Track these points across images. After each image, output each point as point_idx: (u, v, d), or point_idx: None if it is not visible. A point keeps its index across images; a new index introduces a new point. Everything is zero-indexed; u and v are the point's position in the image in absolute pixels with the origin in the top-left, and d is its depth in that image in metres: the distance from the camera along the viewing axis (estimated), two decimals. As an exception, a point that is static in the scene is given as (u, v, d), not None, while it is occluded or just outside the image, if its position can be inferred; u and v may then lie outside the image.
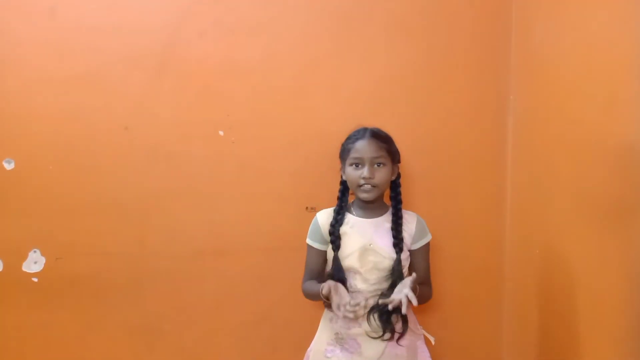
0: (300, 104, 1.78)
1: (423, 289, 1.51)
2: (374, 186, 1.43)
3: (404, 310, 1.24)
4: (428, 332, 1.54)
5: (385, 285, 1.43)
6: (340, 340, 1.45)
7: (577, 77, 1.39)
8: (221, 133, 1.76)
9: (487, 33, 1.81)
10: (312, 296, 1.49)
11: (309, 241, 1.52)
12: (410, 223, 1.51)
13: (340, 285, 1.37)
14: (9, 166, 1.71)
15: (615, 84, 1.23)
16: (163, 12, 1.74)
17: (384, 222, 1.50)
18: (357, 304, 1.28)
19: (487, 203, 1.84)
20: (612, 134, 1.23)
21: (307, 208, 1.73)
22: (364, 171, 1.42)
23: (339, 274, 1.44)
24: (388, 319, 1.42)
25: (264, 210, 1.77)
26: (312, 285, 1.48)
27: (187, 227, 1.76)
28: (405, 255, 1.47)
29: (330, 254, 1.49)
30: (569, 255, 1.43)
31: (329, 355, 1.46)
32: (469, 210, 1.83)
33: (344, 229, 1.48)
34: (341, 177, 1.54)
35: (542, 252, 1.58)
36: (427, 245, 1.54)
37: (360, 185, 1.44)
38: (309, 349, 1.55)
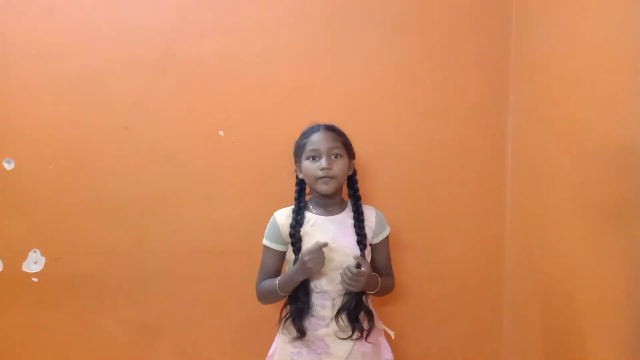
0: (300, 103, 1.78)
1: (386, 281, 1.51)
2: (332, 177, 1.41)
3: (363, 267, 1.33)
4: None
5: None
6: (307, 342, 1.42)
7: (577, 77, 1.39)
8: (221, 133, 1.76)
9: (487, 33, 1.81)
10: (269, 294, 1.44)
11: (265, 242, 1.48)
12: (370, 218, 1.50)
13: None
14: (9, 166, 1.71)
15: (615, 84, 1.23)
16: (163, 12, 1.74)
17: (345, 218, 1.48)
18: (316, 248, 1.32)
19: (487, 203, 1.84)
20: (612, 134, 1.23)
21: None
22: (322, 162, 1.41)
23: (304, 279, 1.40)
24: (356, 318, 1.41)
25: (263, 210, 1.76)
26: (270, 282, 1.43)
27: (186, 226, 1.76)
28: (367, 251, 1.46)
29: (290, 256, 1.46)
30: (568, 255, 1.43)
31: (295, 358, 1.43)
32: (468, 211, 1.83)
33: (305, 229, 1.44)
34: (296, 177, 1.52)
35: (542, 252, 1.58)
36: (387, 238, 1.53)
37: (319, 178, 1.41)
38: (269, 354, 1.52)
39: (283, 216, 1.49)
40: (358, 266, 1.37)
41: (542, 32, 1.61)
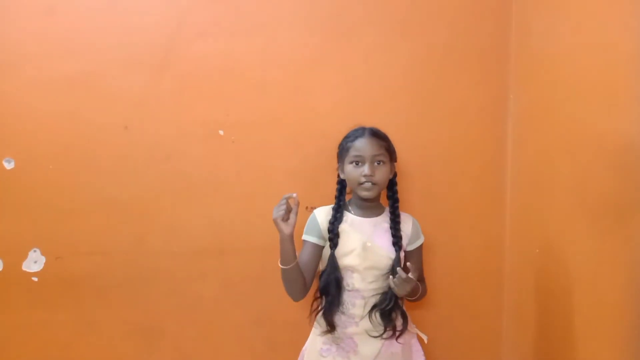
0: (300, 103, 1.78)
1: (422, 288, 1.52)
2: (374, 184, 1.43)
3: (411, 274, 1.29)
4: (421, 331, 1.54)
5: (383, 284, 1.43)
6: (336, 339, 1.45)
7: (577, 77, 1.39)
8: (221, 133, 1.76)
9: (487, 33, 1.81)
10: (282, 276, 1.39)
11: (305, 237, 1.49)
12: (406, 224, 1.52)
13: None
14: (9, 166, 1.71)
15: (615, 84, 1.23)
16: (163, 12, 1.74)
17: (382, 222, 1.50)
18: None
19: (487, 203, 1.84)
20: (612, 133, 1.23)
21: (306, 207, 1.73)
22: (365, 169, 1.43)
23: (335, 273, 1.43)
24: (389, 317, 1.42)
25: (263, 210, 1.76)
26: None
27: (186, 226, 1.76)
28: (401, 255, 1.47)
29: (326, 252, 1.48)
30: (568, 255, 1.43)
31: (324, 354, 1.46)
32: (468, 210, 1.83)
33: (342, 227, 1.47)
34: (338, 176, 1.55)
35: (542, 251, 1.58)
36: (421, 247, 1.55)
37: (361, 183, 1.44)
38: (303, 348, 1.55)
39: (322, 214, 1.51)
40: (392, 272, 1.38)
41: (542, 32, 1.61)
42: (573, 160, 1.40)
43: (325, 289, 1.44)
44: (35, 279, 1.73)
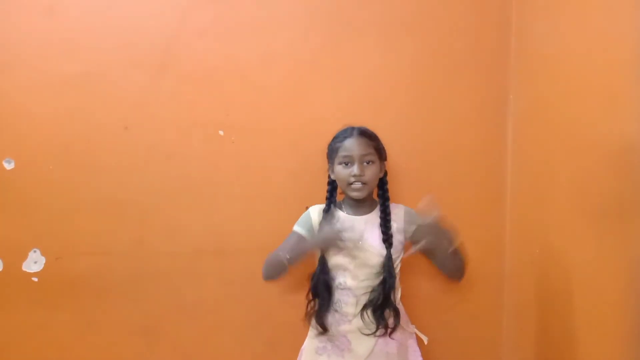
0: (300, 103, 1.78)
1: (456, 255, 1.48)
2: (364, 183, 1.44)
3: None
4: (421, 332, 1.54)
5: (375, 281, 1.44)
6: (331, 337, 1.46)
7: (577, 77, 1.39)
8: (221, 133, 1.76)
9: (487, 33, 1.81)
10: (274, 260, 1.48)
11: (296, 228, 1.53)
12: (397, 216, 1.51)
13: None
14: (9, 166, 1.71)
15: (615, 84, 1.23)
16: (163, 12, 1.74)
17: (375, 217, 1.50)
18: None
19: (487, 203, 1.84)
20: (612, 134, 1.23)
21: (307, 207, 1.72)
22: (354, 169, 1.43)
23: (323, 275, 1.46)
24: (381, 314, 1.42)
25: (263, 210, 1.77)
26: (280, 251, 1.48)
27: (187, 226, 1.76)
28: (396, 250, 1.47)
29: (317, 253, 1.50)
30: (568, 255, 1.43)
31: (320, 352, 1.47)
32: (468, 210, 1.83)
33: None
34: (329, 176, 1.55)
35: (542, 252, 1.58)
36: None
37: (351, 184, 1.44)
38: (302, 347, 1.56)
39: (316, 212, 1.54)
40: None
41: (542, 32, 1.61)
42: (573, 161, 1.40)
43: (315, 290, 1.47)
44: (35, 279, 1.73)
